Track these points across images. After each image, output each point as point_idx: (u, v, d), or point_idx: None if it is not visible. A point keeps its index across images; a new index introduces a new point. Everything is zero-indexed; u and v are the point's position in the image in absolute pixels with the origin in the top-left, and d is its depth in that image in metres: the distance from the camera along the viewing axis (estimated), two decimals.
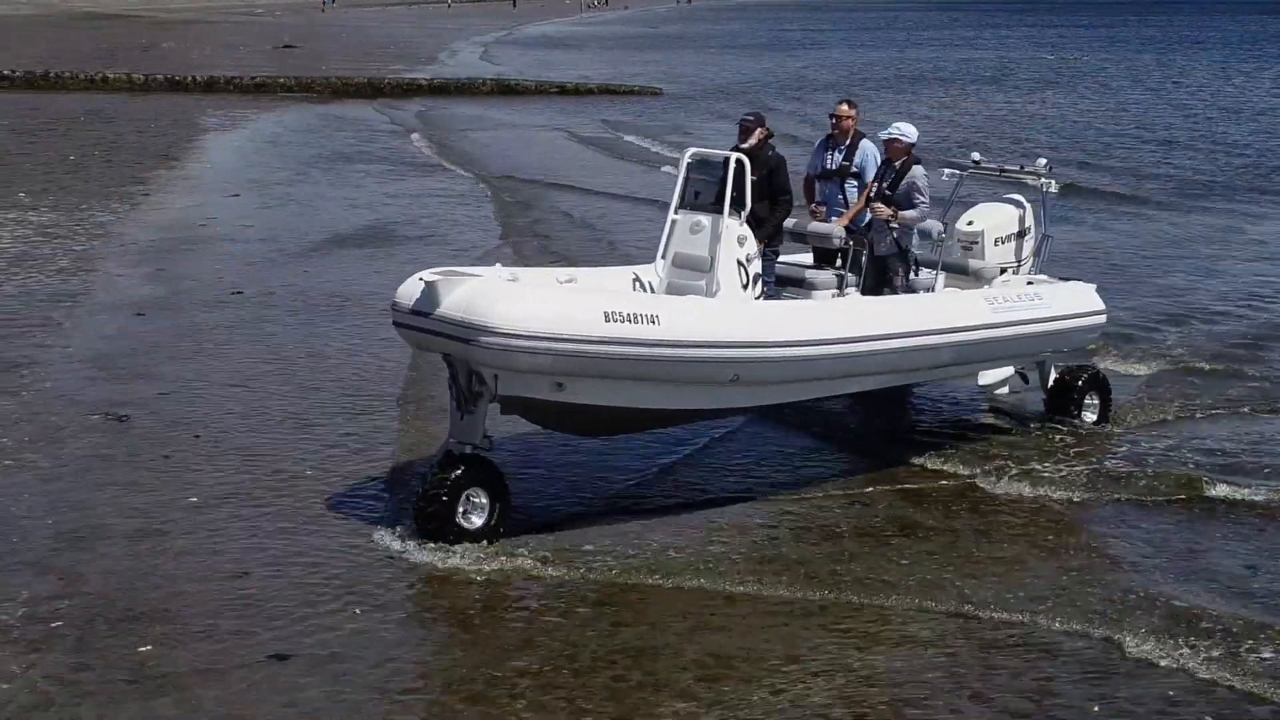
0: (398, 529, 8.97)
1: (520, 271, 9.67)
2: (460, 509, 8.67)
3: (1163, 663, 7.52)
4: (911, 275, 11.35)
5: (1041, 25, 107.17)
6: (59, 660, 7.30)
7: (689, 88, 46.12)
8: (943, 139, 32.82)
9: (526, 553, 8.74)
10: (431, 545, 8.68)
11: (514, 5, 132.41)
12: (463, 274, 8.72)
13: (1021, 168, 12.34)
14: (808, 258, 11.63)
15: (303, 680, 7.11)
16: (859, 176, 11.37)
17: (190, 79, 42.10)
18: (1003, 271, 11.61)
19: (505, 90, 42.12)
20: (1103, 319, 11.85)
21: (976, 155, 12.67)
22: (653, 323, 8.77)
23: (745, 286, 9.96)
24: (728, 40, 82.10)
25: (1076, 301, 11.66)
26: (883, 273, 11.18)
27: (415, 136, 31.89)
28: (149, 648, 7.43)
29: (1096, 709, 7.05)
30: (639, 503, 9.80)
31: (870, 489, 10.27)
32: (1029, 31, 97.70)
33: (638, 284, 10.23)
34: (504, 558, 8.64)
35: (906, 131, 11.13)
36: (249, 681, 7.08)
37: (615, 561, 8.68)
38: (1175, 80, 52.57)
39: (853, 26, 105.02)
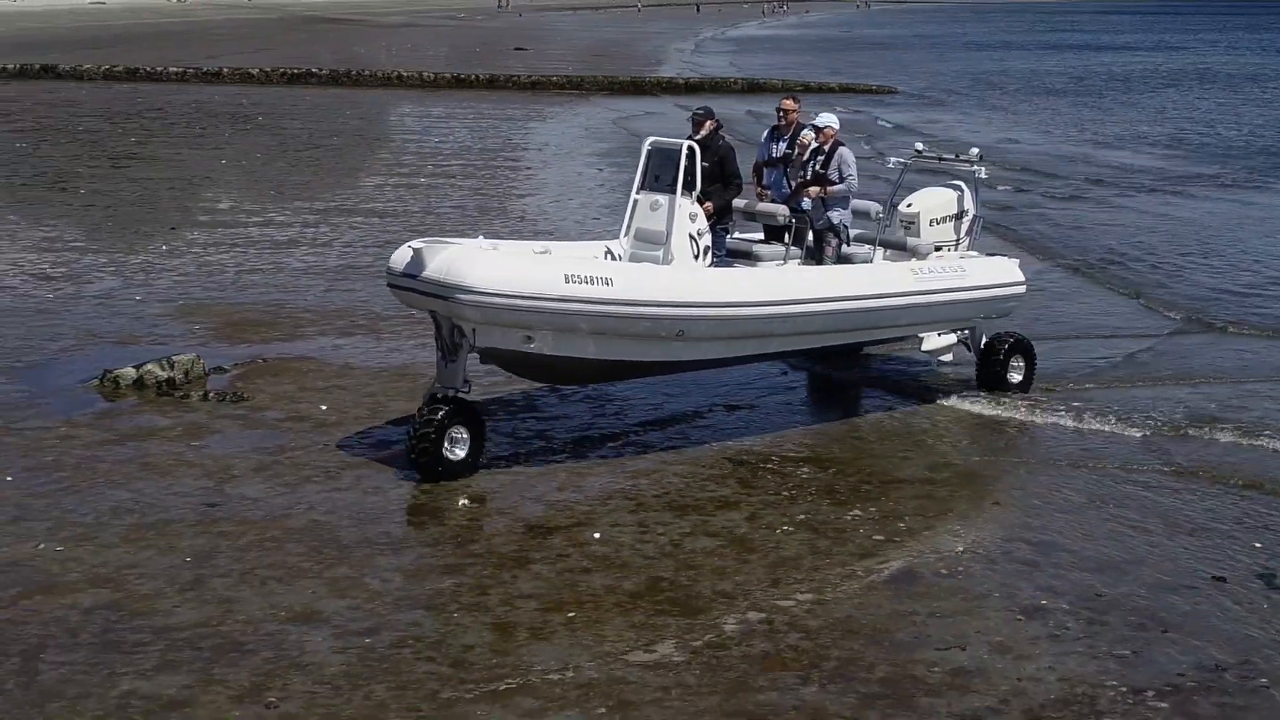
0: None
1: (501, 243, 10.71)
2: (445, 444, 9.80)
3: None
4: (846, 247, 12.28)
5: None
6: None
7: (914, 86, 50.35)
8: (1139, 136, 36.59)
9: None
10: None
11: (698, 10, 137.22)
12: (445, 242, 9.86)
13: (957, 156, 13.15)
14: (761, 235, 12.73)
15: None
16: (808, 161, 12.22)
17: (474, 77, 47.51)
18: (939, 248, 12.47)
19: (754, 88, 46.57)
20: (1022, 289, 12.74)
21: (920, 145, 13.53)
22: (607, 284, 9.82)
23: (696, 257, 10.99)
24: (922, 43, 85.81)
25: (998, 273, 12.58)
26: (820, 246, 12.19)
27: None
28: None
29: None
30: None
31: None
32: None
33: (609, 255, 11.17)
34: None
35: (832, 121, 12.28)
36: None
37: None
38: None
39: (1021, 29, 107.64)
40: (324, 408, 11.64)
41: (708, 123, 11.77)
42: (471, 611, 7.95)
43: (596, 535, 9.10)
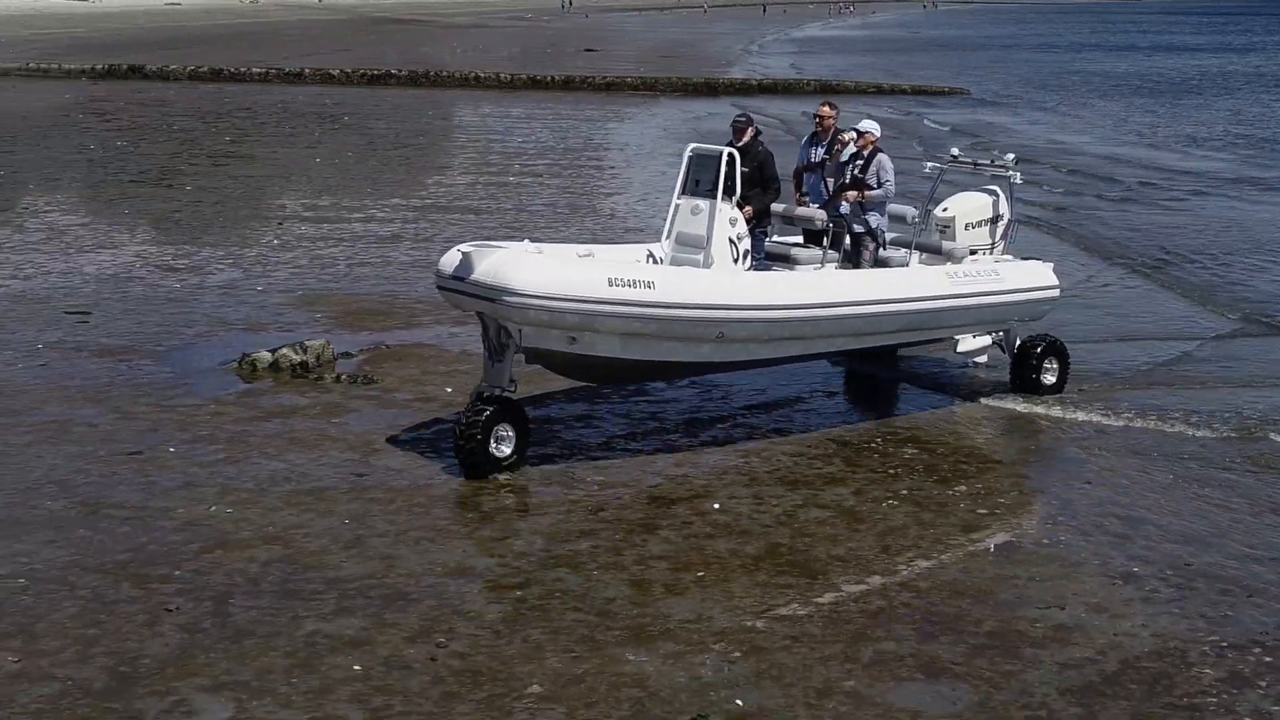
0: None
1: (545, 246, 10.92)
2: (492, 441, 10.10)
3: None
4: (882, 251, 12.53)
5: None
6: None
7: (984, 88, 50.76)
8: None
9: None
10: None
11: (763, 11, 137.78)
12: (492, 246, 10.20)
13: (992, 161, 13.39)
14: (800, 238, 12.87)
15: None
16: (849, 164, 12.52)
17: (550, 78, 48.45)
18: (974, 252, 12.66)
19: (826, 89, 46.99)
20: (1056, 293, 12.85)
21: (955, 150, 13.83)
22: (649, 288, 10.11)
23: (736, 260, 11.19)
24: (989, 44, 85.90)
25: (1031, 277, 12.70)
26: (857, 250, 12.48)
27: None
28: None
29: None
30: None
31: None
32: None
33: (650, 258, 11.47)
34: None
35: (873, 127, 12.53)
36: None
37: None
38: None
39: (1087, 30, 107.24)
40: (449, 390, 12.45)
41: (749, 130, 12.00)
42: (609, 570, 8.73)
43: (716, 506, 9.87)
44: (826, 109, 12.93)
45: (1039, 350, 12.67)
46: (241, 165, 27.66)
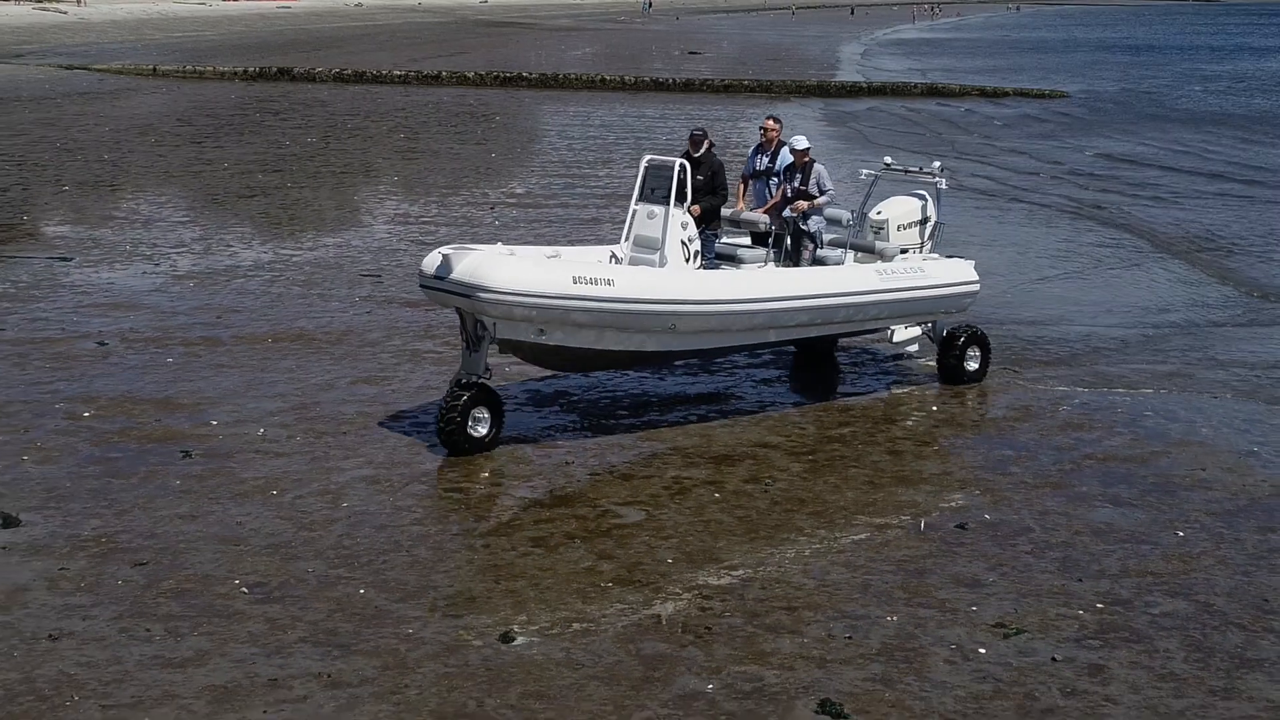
0: None
1: (517, 248, 12.12)
2: (469, 422, 11.21)
3: None
4: (820, 251, 13.61)
5: None
6: None
7: (1082, 91, 53.49)
8: None
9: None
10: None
11: (851, 13, 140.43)
12: (469, 248, 11.25)
13: (920, 169, 14.48)
14: (747, 240, 14.07)
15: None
16: (779, 175, 13.65)
17: (671, 80, 51.81)
18: (904, 251, 13.72)
19: (934, 92, 50.04)
20: (976, 288, 13.92)
21: (888, 159, 14.70)
22: (609, 284, 11.26)
23: (687, 260, 12.34)
24: (1079, 46, 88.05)
25: (954, 273, 13.73)
26: (798, 250, 13.64)
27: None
28: None
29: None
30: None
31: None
32: None
33: (612, 258, 12.61)
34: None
35: (803, 142, 13.57)
36: None
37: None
38: None
39: (1174, 31, 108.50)
40: None
41: (705, 142, 13.21)
42: (869, 445, 12.13)
43: (934, 408, 13.26)
44: (771, 123, 14.14)
45: (962, 340, 13.74)
46: (430, 159, 31.29)
